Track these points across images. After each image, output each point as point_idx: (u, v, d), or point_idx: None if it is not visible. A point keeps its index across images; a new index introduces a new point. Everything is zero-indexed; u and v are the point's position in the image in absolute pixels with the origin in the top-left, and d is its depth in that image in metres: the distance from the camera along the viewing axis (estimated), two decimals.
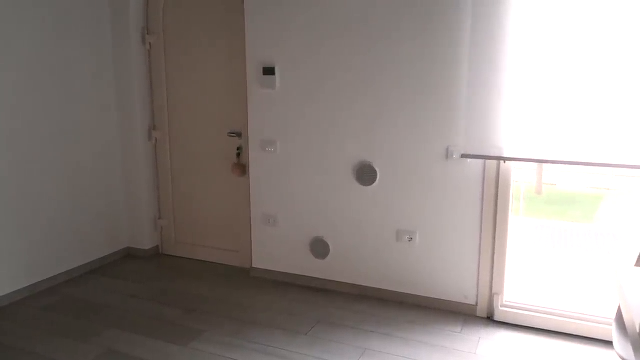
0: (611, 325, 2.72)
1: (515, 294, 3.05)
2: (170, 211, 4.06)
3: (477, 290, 3.03)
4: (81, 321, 3.01)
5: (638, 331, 1.24)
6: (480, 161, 2.90)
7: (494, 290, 2.99)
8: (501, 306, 2.98)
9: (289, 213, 3.48)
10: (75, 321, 3.01)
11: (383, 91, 3.06)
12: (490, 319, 3.00)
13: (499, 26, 2.68)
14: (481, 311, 3.03)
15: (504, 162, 2.84)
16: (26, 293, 3.33)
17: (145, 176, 3.97)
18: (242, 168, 3.65)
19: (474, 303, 3.05)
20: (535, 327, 2.89)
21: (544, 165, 3.31)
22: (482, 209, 2.94)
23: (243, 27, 3.43)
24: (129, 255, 4.11)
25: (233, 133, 3.67)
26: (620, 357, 1.75)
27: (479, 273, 3.01)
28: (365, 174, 3.19)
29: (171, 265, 3.93)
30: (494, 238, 2.94)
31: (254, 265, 3.68)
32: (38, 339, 2.80)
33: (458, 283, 3.07)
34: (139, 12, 3.78)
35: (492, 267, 2.98)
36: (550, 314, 2.88)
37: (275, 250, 3.58)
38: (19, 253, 3.28)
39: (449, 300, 3.11)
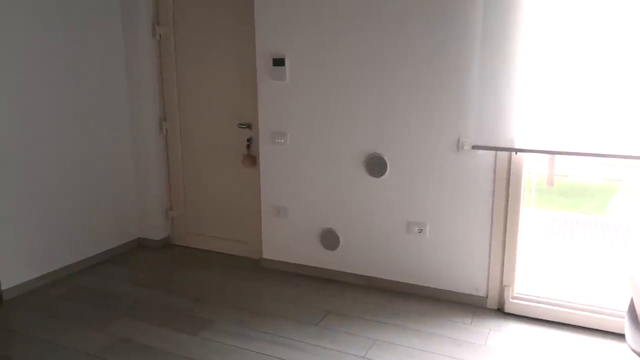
0: (623, 317, 2.70)
1: (526, 286, 3.04)
2: (181, 202, 4.08)
3: (488, 282, 3.02)
4: (93, 310, 3.05)
5: None
6: (492, 152, 2.88)
7: (504, 282, 2.98)
8: (512, 298, 2.96)
9: (299, 204, 3.48)
10: (87, 310, 3.05)
11: (394, 81, 3.04)
12: (500, 311, 3.00)
13: (511, 17, 2.65)
14: (491, 303, 3.03)
15: (516, 153, 2.81)
16: (40, 282, 3.38)
17: (156, 167, 3.99)
18: (252, 159, 3.66)
19: (484, 295, 3.04)
20: (546, 319, 2.88)
21: (556, 156, 3.27)
22: (493, 201, 2.93)
23: (253, 18, 3.42)
24: (140, 245, 4.14)
25: (243, 124, 3.67)
26: (632, 349, 1.74)
27: (489, 265, 3.00)
28: (375, 165, 3.18)
29: (182, 256, 3.96)
30: (505, 230, 2.93)
31: (263, 256, 3.70)
32: (51, 328, 2.84)
33: (468, 275, 3.06)
34: (148, 3, 3.78)
35: (503, 259, 2.96)
36: (562, 306, 2.86)
37: (285, 241, 3.59)
38: (34, 243, 3.32)
39: (459, 292, 3.11)
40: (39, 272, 3.37)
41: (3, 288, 3.16)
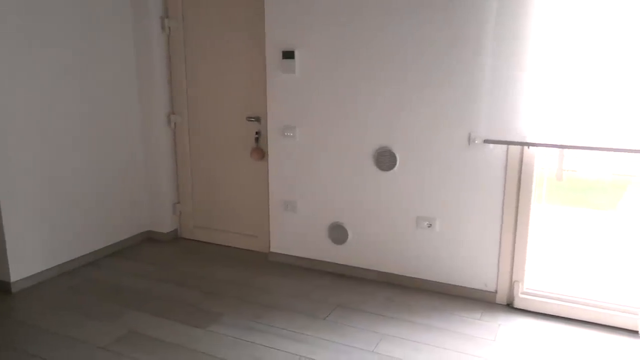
0: (635, 314, 2.68)
1: (535, 281, 3.02)
2: (189, 195, 4.08)
3: (497, 278, 3.00)
4: (103, 302, 3.06)
5: None
6: (503, 147, 2.85)
7: (514, 278, 2.96)
8: (521, 293, 2.95)
9: (308, 198, 3.47)
10: (97, 302, 3.06)
11: (404, 75, 3.02)
12: (510, 307, 2.98)
13: (522, 9, 2.61)
14: (501, 298, 3.01)
15: (528, 147, 2.79)
16: (50, 274, 3.39)
17: (164, 161, 3.99)
18: (260, 152, 3.65)
19: (493, 290, 3.03)
20: (556, 315, 2.86)
21: (565, 150, 3.23)
22: (503, 196, 2.90)
23: (262, 10, 3.40)
24: (149, 238, 4.16)
25: (252, 118, 3.66)
26: None
27: (499, 260, 2.98)
28: (385, 159, 3.16)
29: (190, 249, 3.96)
30: (516, 225, 2.90)
31: (272, 250, 3.70)
32: (60, 320, 2.85)
33: (478, 270, 3.05)
34: None
35: (513, 255, 2.94)
36: (572, 302, 2.84)
37: (294, 235, 3.58)
38: (45, 235, 3.34)
39: (468, 287, 3.09)
40: (48, 265, 3.39)
41: (12, 280, 3.18)
